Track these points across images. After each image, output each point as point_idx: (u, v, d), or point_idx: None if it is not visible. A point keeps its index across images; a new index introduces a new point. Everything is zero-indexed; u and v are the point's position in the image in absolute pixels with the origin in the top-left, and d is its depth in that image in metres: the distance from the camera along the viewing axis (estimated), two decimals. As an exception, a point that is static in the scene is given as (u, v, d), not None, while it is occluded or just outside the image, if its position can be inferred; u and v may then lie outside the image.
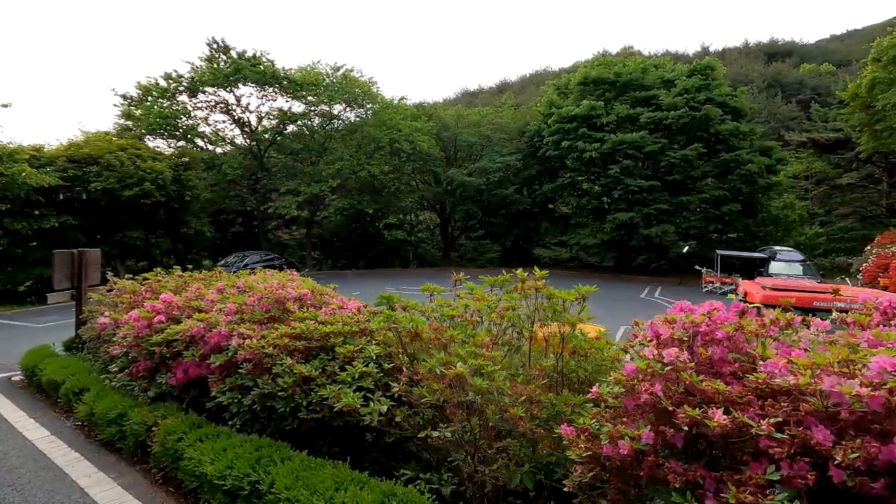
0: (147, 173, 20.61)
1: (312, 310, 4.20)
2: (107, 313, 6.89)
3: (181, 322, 4.89)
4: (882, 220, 35.74)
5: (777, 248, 25.01)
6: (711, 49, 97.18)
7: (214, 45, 25.14)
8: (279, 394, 3.40)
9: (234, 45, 25.28)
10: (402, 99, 30.39)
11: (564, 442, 2.25)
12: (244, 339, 3.80)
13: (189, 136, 26.41)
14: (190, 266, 8.63)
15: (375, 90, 27.48)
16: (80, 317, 8.90)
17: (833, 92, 58.09)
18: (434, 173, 30.20)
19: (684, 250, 27.06)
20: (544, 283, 3.46)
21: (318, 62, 27.82)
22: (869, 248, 24.99)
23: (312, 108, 26.29)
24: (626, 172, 26.33)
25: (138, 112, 24.09)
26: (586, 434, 2.17)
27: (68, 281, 8.83)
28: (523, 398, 2.68)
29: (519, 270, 3.59)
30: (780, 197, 29.06)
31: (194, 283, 6.24)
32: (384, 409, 2.94)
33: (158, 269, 8.03)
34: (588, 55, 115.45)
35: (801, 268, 22.68)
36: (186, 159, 23.10)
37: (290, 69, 26.98)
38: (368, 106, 28.32)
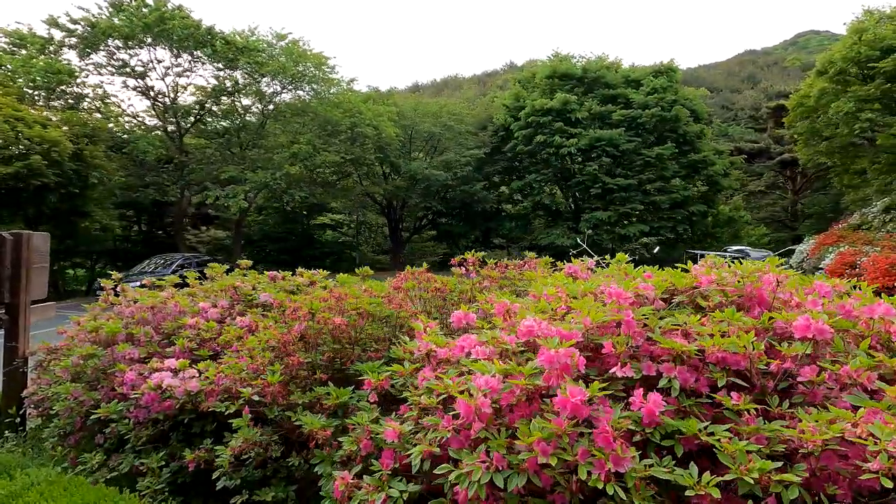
0: (35, 143, 14.69)
1: None
2: (174, 364, 3.05)
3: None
4: (787, 223, 39.68)
5: (740, 247, 25.73)
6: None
7: (125, -12, 19.36)
8: None
9: (150, -8, 19.59)
10: (351, 81, 26.49)
11: None
12: None
13: (79, 104, 20.00)
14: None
15: (332, 65, 23.32)
16: (20, 364, 4.55)
17: (714, 112, 65.30)
18: (393, 165, 26.72)
19: (655, 250, 26.84)
20: None
21: (256, 28, 22.89)
22: (804, 247, 26.63)
23: (256, 80, 21.41)
24: (604, 170, 25.38)
25: (12, 66, 17.49)
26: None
27: (-6, 291, 4.50)
28: None
29: None
30: (729, 199, 30.29)
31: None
32: None
33: (248, 271, 4.21)
34: (497, 66, 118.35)
35: (774, 265, 23.29)
36: (91, 127, 17.16)
37: (223, 32, 21.86)
38: (315, 86, 23.99)
